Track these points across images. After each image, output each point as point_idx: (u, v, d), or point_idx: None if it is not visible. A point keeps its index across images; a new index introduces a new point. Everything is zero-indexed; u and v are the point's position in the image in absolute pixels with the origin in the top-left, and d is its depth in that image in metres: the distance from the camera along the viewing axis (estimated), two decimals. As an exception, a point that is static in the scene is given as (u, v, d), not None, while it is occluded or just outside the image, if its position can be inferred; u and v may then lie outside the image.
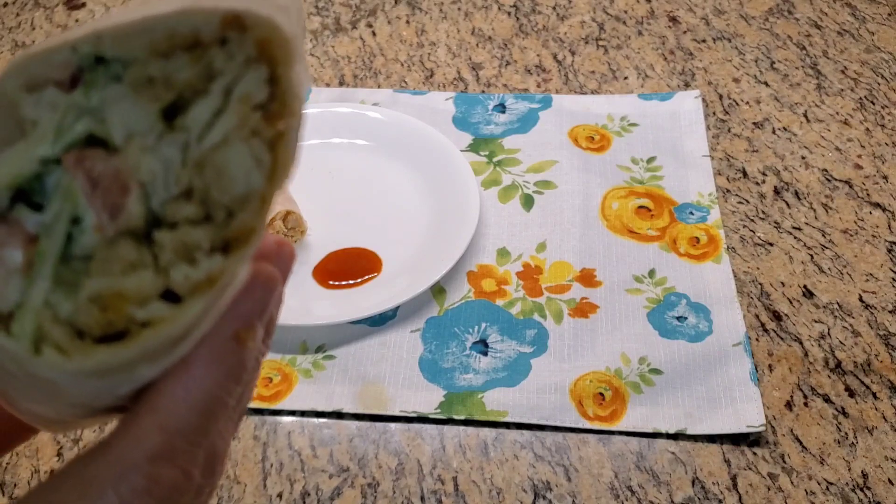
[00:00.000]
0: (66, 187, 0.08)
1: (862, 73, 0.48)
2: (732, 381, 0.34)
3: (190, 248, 0.08)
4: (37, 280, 0.08)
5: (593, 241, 0.40)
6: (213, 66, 0.08)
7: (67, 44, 0.08)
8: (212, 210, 0.08)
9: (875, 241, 0.40)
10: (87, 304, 0.08)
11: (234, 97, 0.08)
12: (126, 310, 0.08)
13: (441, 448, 0.33)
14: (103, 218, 0.08)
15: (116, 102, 0.08)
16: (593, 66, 0.50)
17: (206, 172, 0.08)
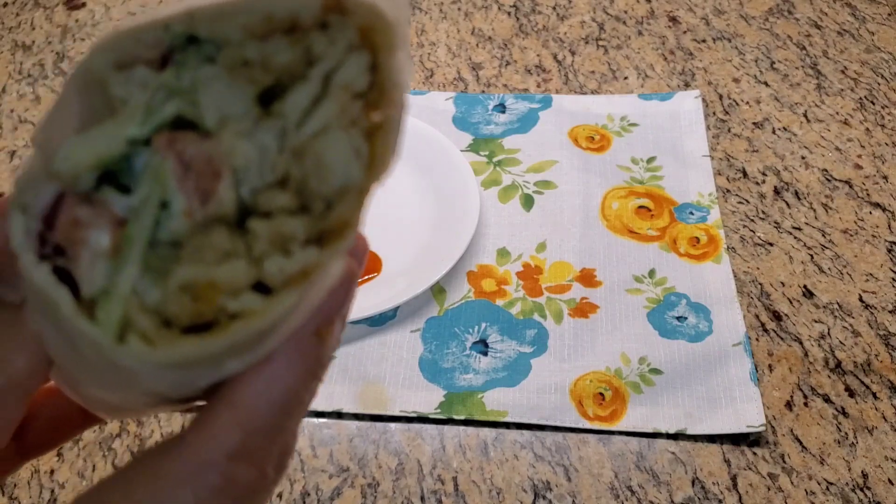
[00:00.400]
0: (156, 169, 0.08)
1: (862, 73, 0.48)
2: (732, 381, 0.34)
3: (285, 238, 0.08)
4: (125, 265, 0.08)
5: (593, 241, 0.40)
6: (312, 51, 0.08)
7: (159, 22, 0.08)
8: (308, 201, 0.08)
9: (875, 241, 0.40)
10: (176, 292, 0.08)
11: (335, 84, 0.08)
12: (218, 300, 0.08)
13: (441, 448, 0.33)
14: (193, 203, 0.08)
15: (210, 84, 0.08)
16: (593, 66, 0.50)
17: (303, 161, 0.08)
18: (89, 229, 0.08)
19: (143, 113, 0.08)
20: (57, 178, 0.08)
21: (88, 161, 0.08)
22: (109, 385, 0.09)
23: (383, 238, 0.40)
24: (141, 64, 0.08)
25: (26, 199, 0.08)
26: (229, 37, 0.08)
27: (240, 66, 0.08)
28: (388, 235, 0.40)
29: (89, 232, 0.08)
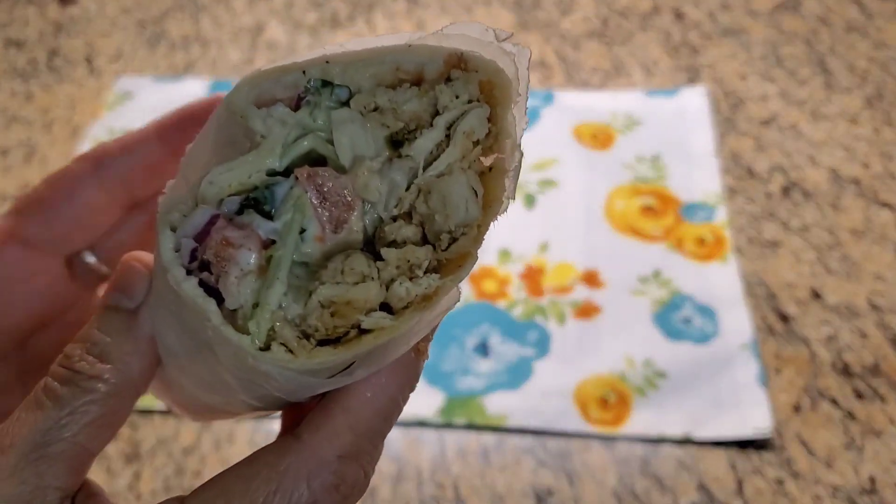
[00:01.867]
0: (297, 198, 0.09)
1: (870, 70, 0.48)
2: (739, 384, 0.33)
3: (412, 266, 0.09)
4: (273, 283, 0.09)
5: (597, 241, 0.39)
6: (438, 101, 0.09)
7: (298, 66, 0.09)
8: (432, 234, 0.09)
9: (883, 242, 0.39)
10: (318, 308, 0.09)
11: (458, 132, 0.09)
12: (354, 317, 0.09)
13: (441, 453, 0.32)
14: (327, 230, 0.09)
15: (344, 125, 0.09)
16: (596, 62, 0.49)
17: (430, 198, 0.09)
18: (239, 249, 0.09)
19: (281, 147, 0.09)
20: (203, 202, 0.09)
21: (232, 187, 0.09)
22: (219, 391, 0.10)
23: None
24: (279, 103, 0.09)
25: (173, 218, 0.09)
26: (361, 84, 0.09)
27: (371, 111, 0.09)
28: (388, 235, 0.40)
29: (239, 251, 0.09)
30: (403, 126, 0.09)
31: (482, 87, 0.09)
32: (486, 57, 0.09)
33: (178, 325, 0.10)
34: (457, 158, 0.09)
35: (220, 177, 0.09)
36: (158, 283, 0.10)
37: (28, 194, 0.14)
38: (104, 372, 0.11)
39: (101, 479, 0.32)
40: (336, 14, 0.54)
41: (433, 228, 0.09)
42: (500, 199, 0.10)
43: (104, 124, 0.47)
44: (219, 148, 0.09)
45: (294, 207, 0.09)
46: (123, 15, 0.55)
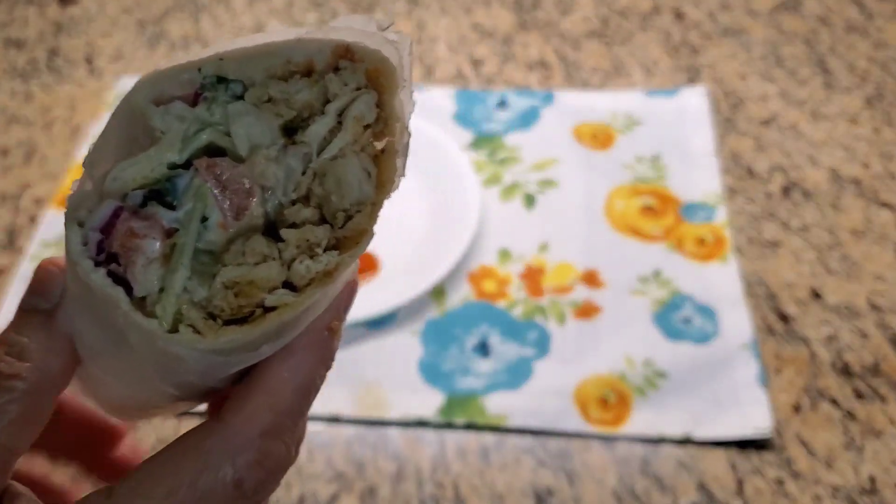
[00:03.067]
0: (197, 189, 0.10)
1: (870, 70, 0.48)
2: (739, 384, 0.33)
3: (311, 245, 0.10)
4: (177, 269, 0.09)
5: (597, 241, 0.39)
6: (328, 90, 0.10)
7: (193, 64, 0.10)
8: (328, 214, 0.10)
9: (884, 242, 0.39)
10: (221, 290, 0.10)
11: (349, 117, 0.10)
12: (258, 296, 0.09)
13: (441, 453, 0.32)
14: (228, 217, 0.10)
15: (240, 117, 0.10)
16: (596, 62, 0.49)
17: (325, 181, 0.10)
18: (143, 239, 0.09)
19: (181, 141, 0.10)
20: (108, 197, 0.09)
21: (135, 182, 0.10)
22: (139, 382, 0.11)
23: (382, 238, 0.39)
24: (177, 100, 0.10)
25: (80, 214, 0.10)
26: (254, 78, 0.10)
27: (265, 103, 0.10)
28: (388, 236, 0.40)
29: (143, 241, 0.09)
30: (297, 115, 0.10)
31: (369, 76, 0.10)
32: (371, 47, 0.10)
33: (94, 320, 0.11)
34: (348, 142, 0.10)
35: (123, 172, 0.10)
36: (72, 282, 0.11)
37: None
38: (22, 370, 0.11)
39: (101, 479, 0.32)
40: (336, 14, 0.54)
41: (330, 209, 0.10)
42: (393, 178, 0.11)
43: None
44: (121, 145, 0.10)
45: (195, 197, 0.10)
46: (124, 15, 0.55)
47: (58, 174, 0.45)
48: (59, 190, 0.44)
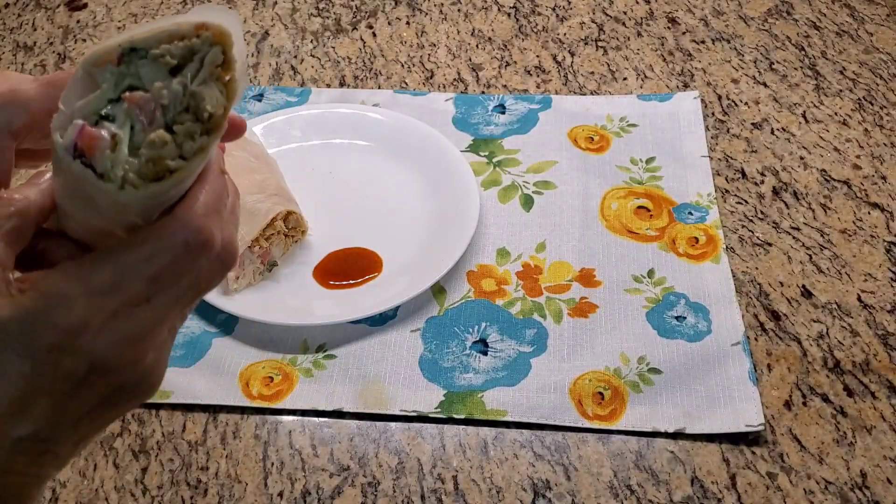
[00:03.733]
0: (126, 110, 0.18)
1: (861, 74, 0.49)
2: (731, 381, 0.34)
3: (192, 133, 0.18)
4: (119, 154, 0.17)
5: (593, 241, 0.40)
6: (193, 48, 0.18)
7: (115, 43, 0.18)
8: (200, 116, 0.18)
9: (874, 241, 0.40)
10: (145, 162, 0.17)
11: (206, 62, 0.18)
12: (166, 164, 0.17)
13: (441, 447, 0.33)
14: (144, 123, 0.18)
15: (145, 68, 0.18)
16: (593, 67, 0.50)
17: (196, 98, 0.18)
18: (98, 140, 0.17)
19: (114, 86, 0.18)
20: (79, 118, 0.18)
21: (91, 110, 0.18)
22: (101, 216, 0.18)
23: (383, 238, 0.40)
24: (109, 63, 0.18)
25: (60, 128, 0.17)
26: (151, 45, 0.18)
27: (159, 58, 0.18)
28: (388, 235, 0.41)
29: (99, 142, 0.17)
30: (177, 62, 0.18)
31: (216, 37, 0.18)
32: (215, 21, 0.18)
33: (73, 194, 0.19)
34: (207, 75, 0.18)
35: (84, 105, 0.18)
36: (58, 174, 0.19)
37: None
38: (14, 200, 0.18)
39: (109, 474, 0.33)
40: (339, 20, 0.55)
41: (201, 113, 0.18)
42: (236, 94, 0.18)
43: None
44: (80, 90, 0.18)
45: (125, 115, 0.18)
46: (130, 19, 0.56)
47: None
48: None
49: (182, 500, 0.32)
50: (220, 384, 0.35)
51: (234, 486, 0.32)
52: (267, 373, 0.36)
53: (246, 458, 0.33)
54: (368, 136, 0.45)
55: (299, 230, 0.40)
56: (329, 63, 0.52)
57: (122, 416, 0.21)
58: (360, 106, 0.47)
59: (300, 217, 0.39)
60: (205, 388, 0.35)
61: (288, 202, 0.39)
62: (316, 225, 0.41)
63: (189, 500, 0.32)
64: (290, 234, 0.39)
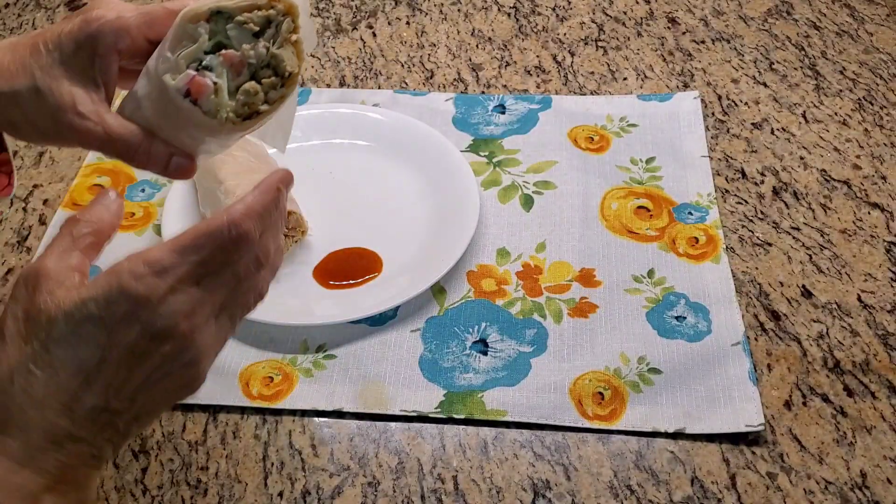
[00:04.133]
0: (221, 63, 0.24)
1: (861, 74, 0.49)
2: (731, 381, 0.34)
3: (273, 85, 0.25)
4: (222, 98, 0.24)
5: (593, 241, 0.40)
6: (269, 17, 0.24)
7: (206, 7, 0.24)
8: (279, 72, 0.25)
9: (874, 241, 0.40)
10: (240, 105, 0.24)
11: (283, 29, 0.24)
12: (257, 107, 0.24)
13: (441, 447, 0.33)
14: (233, 74, 0.24)
15: (231, 30, 0.24)
16: (593, 67, 0.50)
17: (275, 58, 0.24)
18: (204, 85, 0.24)
19: (207, 41, 0.24)
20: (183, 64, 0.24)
21: (192, 58, 0.24)
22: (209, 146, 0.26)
23: (383, 238, 0.40)
24: (202, 20, 0.24)
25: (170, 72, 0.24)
26: (234, 11, 0.24)
27: (242, 24, 0.24)
28: (389, 235, 0.41)
29: (204, 86, 0.24)
30: (259, 28, 0.24)
31: (287, 8, 0.24)
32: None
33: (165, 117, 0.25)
34: (282, 39, 0.24)
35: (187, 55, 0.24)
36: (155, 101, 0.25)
37: None
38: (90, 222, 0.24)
39: (109, 474, 0.33)
40: (339, 20, 0.55)
41: (280, 70, 0.25)
42: (303, 55, 0.25)
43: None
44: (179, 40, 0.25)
45: (221, 67, 0.24)
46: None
47: (67, 176, 0.46)
48: (68, 191, 0.45)
49: (182, 500, 0.32)
50: (220, 384, 0.35)
51: (234, 486, 0.32)
52: (267, 373, 0.36)
53: (246, 458, 0.33)
54: (368, 136, 0.45)
55: (299, 230, 0.40)
56: (329, 63, 0.52)
57: (168, 405, 0.24)
58: (360, 106, 0.47)
59: (300, 217, 0.39)
60: (204, 387, 0.35)
61: (288, 202, 0.39)
62: (316, 225, 0.41)
63: (189, 500, 0.32)
64: (290, 234, 0.39)
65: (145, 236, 0.42)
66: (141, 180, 0.45)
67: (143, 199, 0.44)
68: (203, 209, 0.40)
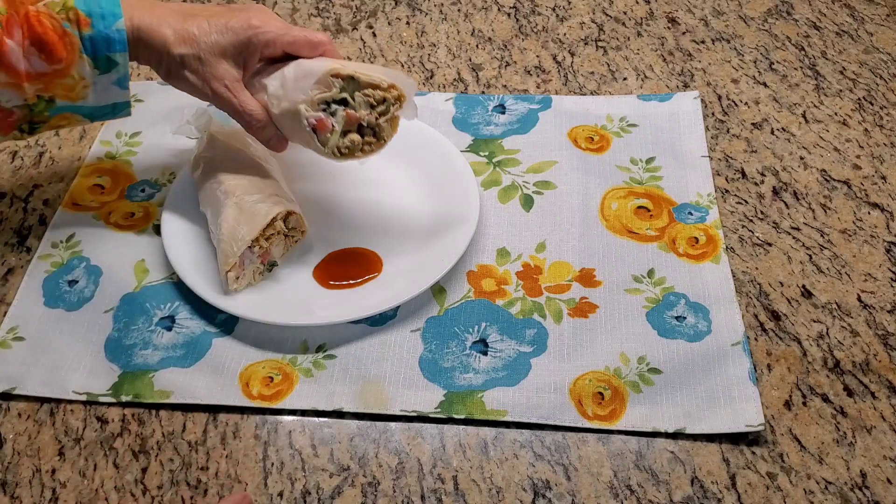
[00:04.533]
0: (342, 115, 0.34)
1: (861, 74, 0.49)
2: (731, 381, 0.34)
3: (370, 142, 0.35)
4: (335, 135, 0.34)
5: (593, 241, 0.40)
6: (385, 97, 0.35)
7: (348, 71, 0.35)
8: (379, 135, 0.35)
9: (874, 241, 0.40)
10: (343, 146, 0.35)
11: (392, 111, 0.35)
12: (354, 152, 0.35)
13: (441, 447, 0.33)
14: (347, 124, 0.34)
15: (357, 97, 0.34)
16: (593, 67, 0.50)
17: (380, 127, 0.35)
18: (326, 126, 0.34)
19: (338, 93, 0.35)
20: (317, 103, 0.35)
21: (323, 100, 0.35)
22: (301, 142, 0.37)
23: (383, 238, 0.40)
24: (339, 78, 0.35)
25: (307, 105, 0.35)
26: (364, 86, 0.35)
27: (367, 97, 0.35)
28: (389, 235, 0.41)
29: (326, 126, 0.34)
30: (376, 102, 0.34)
31: (399, 96, 0.34)
32: (399, 84, 0.34)
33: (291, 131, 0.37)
34: (389, 115, 0.35)
35: (321, 97, 0.34)
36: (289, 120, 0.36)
37: None
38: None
39: (109, 474, 0.33)
40: (339, 20, 0.55)
41: (379, 134, 0.35)
42: (398, 128, 0.35)
43: (112, 128, 0.48)
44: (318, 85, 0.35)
45: (341, 117, 0.34)
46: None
47: (67, 176, 0.46)
48: (68, 191, 0.45)
49: (182, 500, 0.32)
50: (220, 384, 0.35)
51: (234, 486, 0.32)
52: (267, 373, 0.36)
53: (246, 458, 0.33)
54: (368, 137, 0.45)
55: (299, 230, 0.40)
56: (329, 63, 0.52)
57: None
58: (361, 106, 0.47)
59: (300, 217, 0.39)
60: (205, 388, 0.35)
61: (288, 202, 0.39)
62: (316, 225, 0.41)
63: (189, 500, 0.32)
64: (290, 234, 0.39)
65: (145, 236, 0.42)
66: (141, 180, 0.45)
67: (143, 199, 0.44)
68: (203, 209, 0.40)
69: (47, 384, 0.35)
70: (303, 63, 0.36)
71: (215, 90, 0.35)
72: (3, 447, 0.34)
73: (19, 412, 0.35)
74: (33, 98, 0.33)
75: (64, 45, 0.32)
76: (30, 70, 0.32)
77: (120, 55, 0.33)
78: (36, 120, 0.35)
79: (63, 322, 0.38)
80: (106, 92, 0.35)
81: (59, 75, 0.33)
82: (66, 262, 0.40)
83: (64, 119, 0.35)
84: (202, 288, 0.37)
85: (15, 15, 0.31)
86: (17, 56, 0.31)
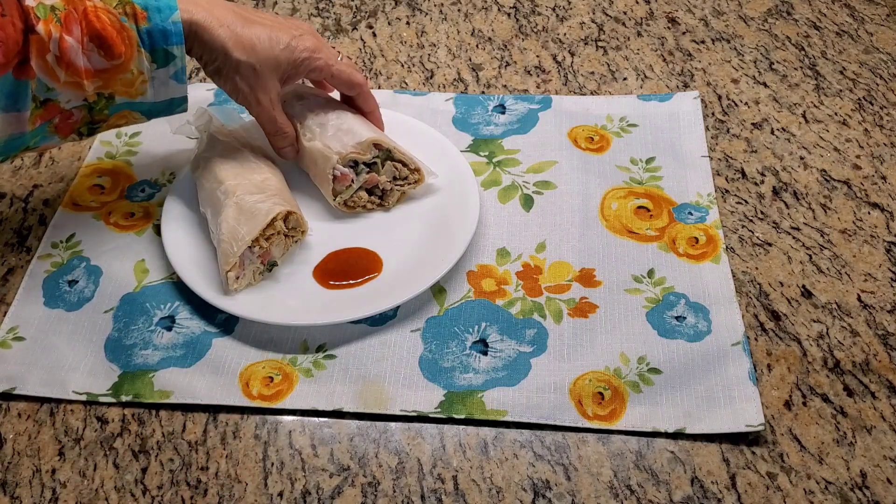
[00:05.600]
0: (365, 176, 0.40)
1: (861, 74, 0.49)
2: (731, 381, 0.34)
3: (376, 203, 0.41)
4: (351, 189, 0.40)
5: (593, 241, 0.40)
6: (406, 175, 0.41)
7: (387, 144, 0.41)
8: (383, 199, 0.41)
9: (874, 241, 0.40)
10: (351, 199, 0.40)
11: (406, 191, 0.41)
12: (361, 206, 0.41)
13: (441, 447, 0.33)
14: (366, 184, 0.40)
15: (387, 164, 0.40)
16: (593, 67, 0.50)
17: (391, 192, 0.41)
18: (346, 181, 0.40)
19: (370, 157, 0.40)
20: (347, 160, 0.40)
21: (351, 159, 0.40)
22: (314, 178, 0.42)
23: (383, 238, 0.40)
24: (374, 144, 0.40)
25: (338, 154, 0.39)
26: (394, 159, 0.41)
27: (393, 167, 0.40)
28: (389, 235, 0.41)
29: (346, 182, 0.40)
30: (398, 177, 0.41)
31: (418, 180, 0.41)
32: (424, 172, 0.41)
33: (310, 167, 0.41)
34: (404, 188, 0.41)
35: (355, 156, 0.40)
36: (319, 155, 0.40)
37: None
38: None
39: (109, 474, 0.33)
40: (339, 20, 0.55)
41: (385, 200, 0.41)
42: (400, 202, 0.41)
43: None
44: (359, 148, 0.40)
45: (363, 177, 0.40)
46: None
47: (67, 176, 0.46)
48: (68, 191, 0.45)
49: (182, 500, 0.32)
50: (220, 384, 0.35)
51: (234, 486, 0.32)
52: (267, 373, 0.36)
53: (246, 458, 0.33)
54: (368, 137, 0.46)
55: (299, 230, 0.40)
56: (329, 63, 0.52)
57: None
58: (361, 106, 0.47)
59: (300, 217, 0.39)
60: (205, 388, 0.35)
61: (288, 202, 0.39)
62: (316, 225, 0.41)
63: (189, 500, 0.32)
64: (290, 234, 0.39)
65: (145, 236, 0.42)
66: (141, 180, 0.45)
67: (143, 200, 0.44)
68: (203, 209, 0.40)
69: (47, 384, 0.36)
70: (349, 119, 0.40)
71: (260, 101, 0.37)
72: (3, 447, 0.34)
73: (19, 412, 0.35)
74: (93, 96, 0.33)
75: (122, 39, 0.31)
76: (89, 67, 0.31)
77: (177, 48, 0.33)
78: (96, 119, 0.35)
79: (63, 322, 0.38)
80: (164, 87, 0.34)
81: (118, 71, 0.32)
82: (66, 262, 0.40)
83: (122, 118, 0.35)
84: (202, 288, 0.37)
85: (73, 11, 0.30)
86: (76, 53, 0.31)
